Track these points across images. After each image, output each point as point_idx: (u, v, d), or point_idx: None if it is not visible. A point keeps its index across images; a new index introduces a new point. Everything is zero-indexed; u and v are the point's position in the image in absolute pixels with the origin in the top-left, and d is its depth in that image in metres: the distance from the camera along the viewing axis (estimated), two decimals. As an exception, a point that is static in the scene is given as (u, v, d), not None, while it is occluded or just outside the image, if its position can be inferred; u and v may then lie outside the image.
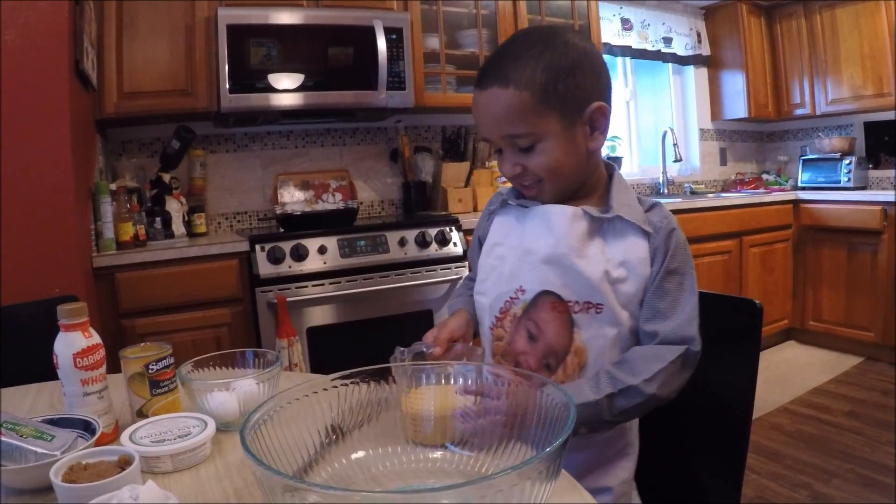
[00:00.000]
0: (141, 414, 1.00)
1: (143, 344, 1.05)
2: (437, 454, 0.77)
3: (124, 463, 0.78)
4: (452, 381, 0.84)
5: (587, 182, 1.14)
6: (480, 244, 1.25)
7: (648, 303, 1.06)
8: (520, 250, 1.11)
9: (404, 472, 0.76)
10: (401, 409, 0.83)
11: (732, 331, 1.12)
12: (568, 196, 1.12)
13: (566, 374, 1.06)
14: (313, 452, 0.73)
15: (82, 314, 0.94)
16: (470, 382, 0.83)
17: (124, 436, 0.89)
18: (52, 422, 0.90)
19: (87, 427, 0.91)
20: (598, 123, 1.08)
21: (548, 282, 1.07)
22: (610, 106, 1.09)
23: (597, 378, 1.01)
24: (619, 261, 1.06)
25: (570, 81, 1.04)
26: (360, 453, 0.77)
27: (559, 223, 1.08)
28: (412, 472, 0.76)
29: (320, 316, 2.65)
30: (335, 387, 0.78)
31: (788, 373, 3.81)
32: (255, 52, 2.80)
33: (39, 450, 0.82)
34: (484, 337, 1.19)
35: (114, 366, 1.02)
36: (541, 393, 0.70)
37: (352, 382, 0.78)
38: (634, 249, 1.06)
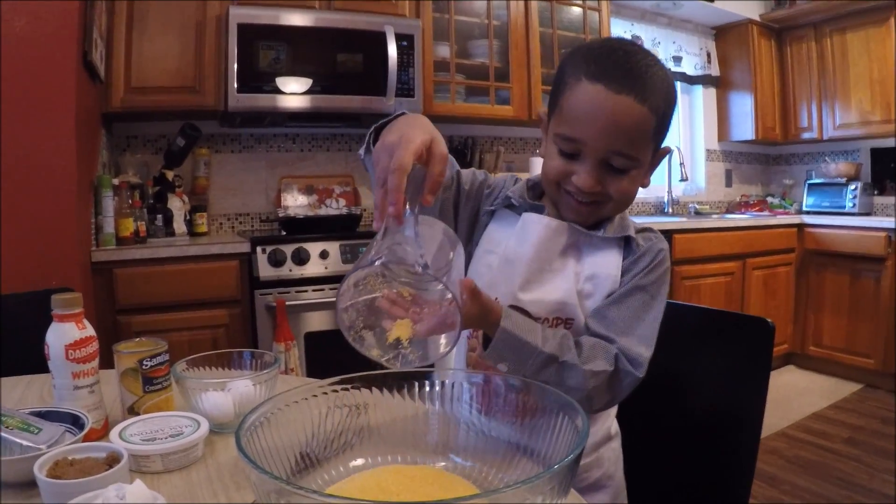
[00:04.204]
0: (132, 411, 0.97)
1: (137, 339, 1.02)
2: (440, 465, 0.74)
3: (112, 460, 0.75)
4: None
5: None
6: (478, 197, 1.16)
7: (602, 311, 1.01)
8: (501, 259, 1.06)
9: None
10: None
11: (742, 349, 1.09)
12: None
13: None
14: (310, 458, 0.70)
15: (77, 305, 0.91)
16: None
17: (114, 432, 0.86)
18: (40, 414, 0.87)
19: (75, 421, 0.88)
20: (657, 164, 1.07)
21: (518, 297, 1.02)
22: None
23: (555, 334, 0.96)
24: (588, 275, 1.03)
25: (670, 118, 1.02)
26: (360, 461, 0.74)
27: (539, 235, 1.03)
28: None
29: (319, 321, 2.62)
30: (335, 391, 0.75)
31: (787, 397, 3.77)
32: (264, 55, 2.78)
33: (25, 442, 0.79)
34: (460, 346, 1.14)
35: (107, 362, 1.00)
36: (553, 411, 0.67)
37: (353, 387, 0.76)
38: (606, 265, 1.03)
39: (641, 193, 4.57)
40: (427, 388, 0.78)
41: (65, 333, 0.90)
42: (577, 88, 0.97)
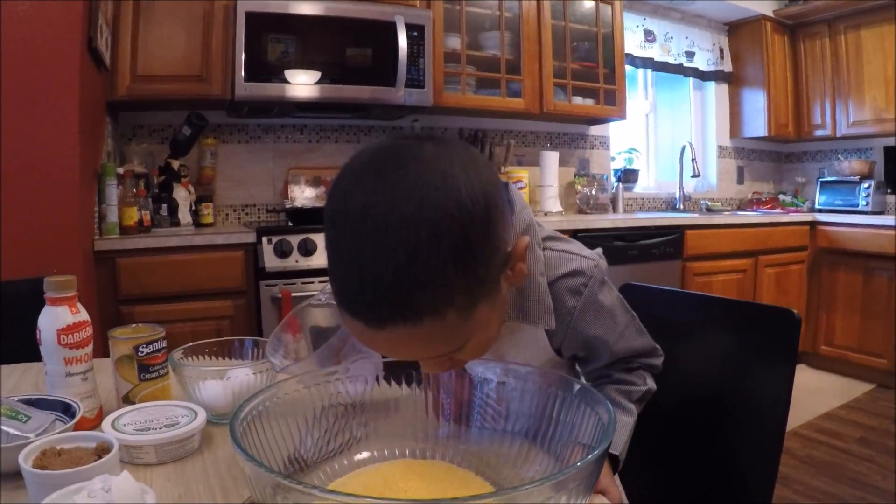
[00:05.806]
0: (127, 400, 0.93)
1: (134, 325, 0.98)
2: (452, 459, 0.69)
3: (102, 451, 0.70)
4: None
5: None
6: None
7: (594, 363, 0.98)
8: None
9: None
10: None
11: (767, 341, 1.05)
12: None
13: None
14: (311, 451, 0.66)
15: (70, 287, 0.87)
16: None
17: (106, 422, 0.82)
18: (30, 402, 0.83)
19: (66, 410, 0.84)
20: (523, 255, 0.73)
21: None
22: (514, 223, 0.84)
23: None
24: (512, 355, 0.91)
25: (488, 250, 0.65)
26: (365, 454, 0.69)
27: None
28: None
29: (325, 314, 2.58)
30: (340, 380, 0.71)
31: (799, 397, 3.70)
32: (272, 48, 2.74)
33: (12, 430, 0.75)
34: None
35: (104, 350, 0.96)
36: (574, 403, 0.63)
37: (359, 377, 0.71)
38: (530, 344, 0.92)
39: (653, 189, 4.56)
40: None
41: (57, 317, 0.86)
42: (343, 315, 0.68)
